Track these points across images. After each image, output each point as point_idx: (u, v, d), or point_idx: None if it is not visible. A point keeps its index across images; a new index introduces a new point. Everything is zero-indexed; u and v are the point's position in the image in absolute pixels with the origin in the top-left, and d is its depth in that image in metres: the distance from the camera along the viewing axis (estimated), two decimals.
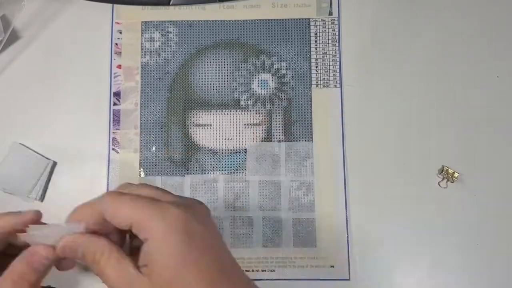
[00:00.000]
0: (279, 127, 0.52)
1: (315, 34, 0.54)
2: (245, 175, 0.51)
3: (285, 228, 0.50)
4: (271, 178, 0.51)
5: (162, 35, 0.53)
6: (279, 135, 0.52)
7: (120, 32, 0.53)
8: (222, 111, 0.52)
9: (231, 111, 0.52)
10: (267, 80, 0.53)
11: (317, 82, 0.53)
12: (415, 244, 0.50)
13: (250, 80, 0.53)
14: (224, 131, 0.52)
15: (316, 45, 0.53)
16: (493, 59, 0.53)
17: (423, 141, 0.52)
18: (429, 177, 0.51)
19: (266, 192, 0.51)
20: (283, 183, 0.51)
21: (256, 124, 0.52)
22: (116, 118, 0.52)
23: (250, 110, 0.52)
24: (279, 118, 0.52)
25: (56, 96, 0.53)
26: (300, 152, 0.52)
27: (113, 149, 0.51)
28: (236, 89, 0.53)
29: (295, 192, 0.51)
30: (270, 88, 0.53)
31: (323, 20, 0.54)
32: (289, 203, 0.51)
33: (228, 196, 0.51)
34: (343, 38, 0.53)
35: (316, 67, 0.53)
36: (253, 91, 0.53)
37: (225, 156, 0.52)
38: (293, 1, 0.54)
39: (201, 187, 0.51)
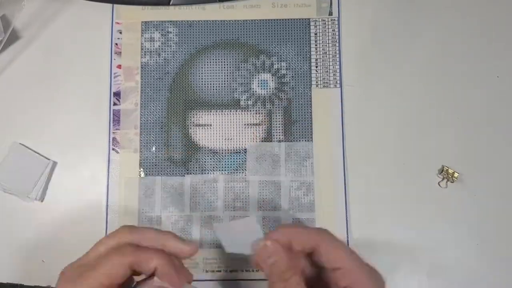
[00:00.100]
0: (279, 127, 0.52)
1: (315, 34, 0.53)
2: (245, 175, 0.51)
3: None
4: (271, 178, 0.51)
5: (162, 35, 0.53)
6: (279, 135, 0.52)
7: (120, 32, 0.53)
8: (222, 111, 0.52)
9: (231, 111, 0.52)
10: (267, 80, 0.53)
11: (317, 82, 0.53)
12: (415, 244, 0.50)
13: (250, 80, 0.53)
14: (224, 131, 0.52)
15: (316, 45, 0.53)
16: (493, 59, 0.53)
17: (423, 141, 0.52)
18: (429, 177, 0.51)
19: (266, 192, 0.51)
20: (283, 183, 0.51)
21: (256, 124, 0.52)
22: (116, 118, 0.52)
23: (250, 110, 0.52)
24: (279, 118, 0.52)
25: (56, 96, 0.52)
26: (300, 152, 0.52)
27: (113, 149, 0.51)
28: (236, 89, 0.53)
29: (295, 192, 0.51)
30: (270, 88, 0.53)
31: (323, 20, 0.54)
32: (289, 203, 0.51)
33: (228, 196, 0.51)
34: (343, 38, 0.53)
35: (316, 67, 0.53)
36: (253, 91, 0.53)
37: (225, 156, 0.52)
38: (293, 1, 0.54)
39: (201, 187, 0.51)
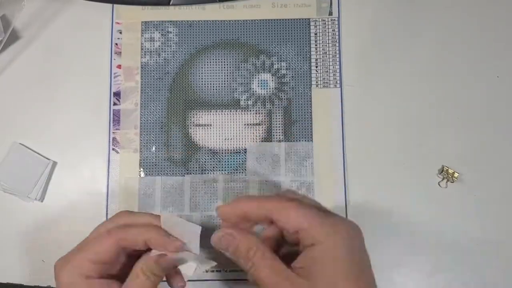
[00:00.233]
0: (279, 127, 0.52)
1: (315, 34, 0.53)
2: (245, 175, 0.51)
3: None
4: (271, 178, 0.51)
5: (162, 35, 0.53)
6: (279, 135, 0.52)
7: (120, 32, 0.53)
8: (222, 111, 0.52)
9: (231, 111, 0.52)
10: (267, 80, 0.53)
11: (317, 82, 0.53)
12: (415, 244, 0.50)
13: (250, 80, 0.53)
14: (224, 131, 0.52)
15: (316, 45, 0.53)
16: (493, 59, 0.53)
17: (423, 141, 0.52)
18: (429, 177, 0.51)
19: (266, 192, 0.51)
20: (283, 183, 0.51)
21: (256, 124, 0.52)
22: (116, 118, 0.52)
23: (250, 110, 0.52)
24: (279, 118, 0.52)
25: (56, 96, 0.52)
26: (300, 152, 0.52)
27: (113, 149, 0.51)
28: (236, 89, 0.53)
29: None
30: (270, 88, 0.53)
31: (323, 20, 0.54)
32: None
33: (228, 196, 0.51)
34: (343, 38, 0.53)
35: (316, 67, 0.53)
36: (253, 91, 0.52)
37: (225, 156, 0.52)
38: (293, 1, 0.54)
39: (201, 187, 0.51)
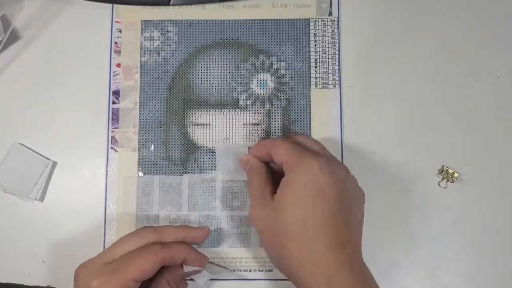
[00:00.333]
0: (278, 127, 0.52)
1: (315, 35, 0.53)
2: (244, 175, 0.51)
3: None
4: None
5: (162, 34, 0.53)
6: (278, 135, 0.52)
7: (120, 31, 0.53)
8: (221, 111, 0.52)
9: (230, 111, 0.52)
10: (266, 80, 0.53)
11: (316, 82, 0.53)
12: (415, 244, 0.50)
13: (249, 80, 0.53)
14: (223, 131, 0.52)
15: (316, 46, 0.53)
16: (493, 59, 0.52)
17: (423, 141, 0.51)
18: (429, 177, 0.51)
19: None
20: None
21: (255, 124, 0.52)
22: (115, 117, 0.52)
23: (249, 110, 0.52)
24: (278, 118, 0.52)
25: (56, 96, 0.53)
26: None
27: (112, 148, 0.51)
28: (235, 89, 0.53)
29: None
30: (269, 88, 0.53)
31: (323, 21, 0.54)
32: None
33: (226, 196, 0.51)
34: (343, 39, 0.53)
35: (316, 67, 0.53)
36: (252, 91, 0.52)
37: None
38: (293, 1, 0.54)
39: (199, 186, 0.51)
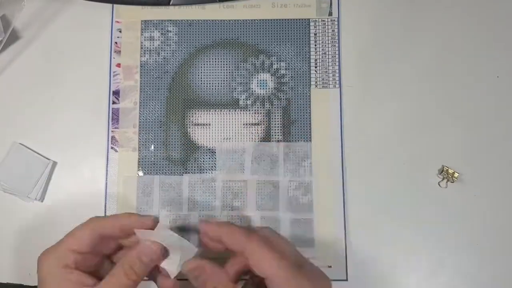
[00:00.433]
0: (278, 127, 0.52)
1: (315, 35, 0.53)
2: (243, 175, 0.51)
3: (283, 228, 0.50)
4: (270, 178, 0.51)
5: (162, 34, 0.53)
6: (278, 135, 0.52)
7: (120, 31, 0.53)
8: (221, 111, 0.52)
9: (230, 111, 0.52)
10: (266, 80, 0.53)
11: (316, 82, 0.53)
12: (414, 244, 0.50)
13: (249, 80, 0.53)
14: (223, 131, 0.52)
15: (316, 46, 0.53)
16: (493, 59, 0.52)
17: (423, 141, 0.51)
18: (429, 177, 0.51)
19: (265, 192, 0.51)
20: (282, 183, 0.51)
21: (255, 124, 0.52)
22: (115, 117, 0.52)
23: (249, 110, 0.52)
24: (278, 118, 0.52)
25: (56, 96, 0.53)
26: (299, 152, 0.51)
27: (112, 148, 0.51)
28: (235, 89, 0.53)
29: (294, 192, 0.51)
30: (269, 88, 0.53)
31: (323, 21, 0.54)
32: (287, 203, 0.50)
33: (226, 196, 0.51)
34: (343, 39, 0.53)
35: (316, 67, 0.53)
36: (252, 91, 0.52)
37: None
38: (293, 1, 0.54)
39: (199, 187, 0.51)
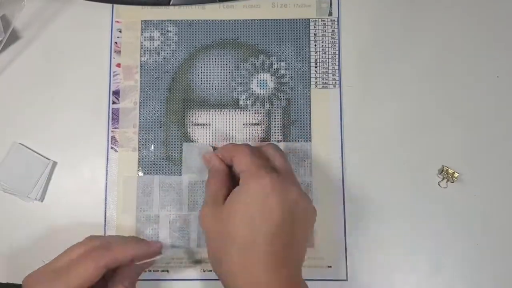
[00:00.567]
0: (278, 127, 0.52)
1: (315, 35, 0.53)
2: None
3: None
4: None
5: (162, 34, 0.53)
6: (278, 135, 0.52)
7: (120, 31, 0.53)
8: (221, 111, 0.52)
9: (230, 111, 0.52)
10: (266, 80, 0.53)
11: (316, 83, 0.53)
12: (414, 244, 0.50)
13: (249, 80, 0.53)
14: (223, 131, 0.52)
15: (316, 46, 0.53)
16: (493, 59, 0.52)
17: (423, 141, 0.51)
18: (429, 177, 0.51)
19: None
20: None
21: (255, 124, 0.52)
22: (115, 117, 0.52)
23: (249, 110, 0.52)
24: (278, 118, 0.52)
25: (56, 96, 0.53)
26: (299, 153, 0.51)
27: (112, 148, 0.51)
28: (235, 89, 0.53)
29: None
30: (269, 88, 0.53)
31: (323, 21, 0.54)
32: None
33: None
34: (343, 39, 0.53)
35: (316, 68, 0.53)
36: (252, 91, 0.52)
37: None
38: (293, 1, 0.54)
39: (199, 186, 0.51)
